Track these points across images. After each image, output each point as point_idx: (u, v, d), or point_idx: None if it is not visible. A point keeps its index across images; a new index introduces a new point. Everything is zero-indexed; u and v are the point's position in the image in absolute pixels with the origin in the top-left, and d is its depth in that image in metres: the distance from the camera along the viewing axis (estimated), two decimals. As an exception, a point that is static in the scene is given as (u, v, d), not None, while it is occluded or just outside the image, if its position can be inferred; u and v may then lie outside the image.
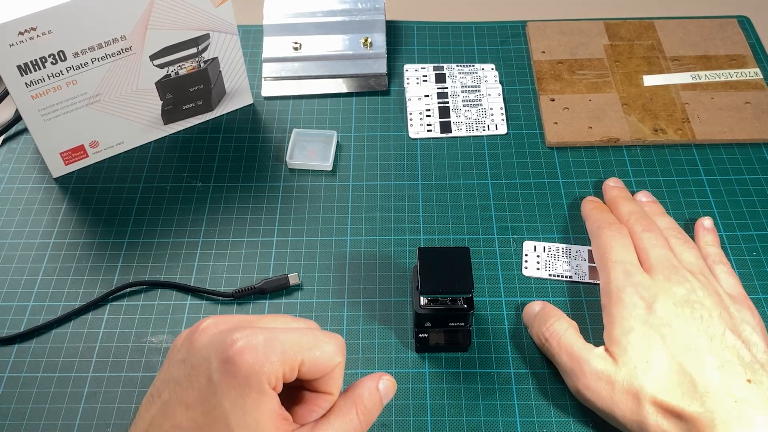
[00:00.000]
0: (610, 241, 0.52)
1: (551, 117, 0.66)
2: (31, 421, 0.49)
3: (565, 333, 0.49)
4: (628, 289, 0.48)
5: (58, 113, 0.59)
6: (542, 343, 0.50)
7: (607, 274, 0.50)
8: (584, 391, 0.46)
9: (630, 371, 0.44)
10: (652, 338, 0.45)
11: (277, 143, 0.66)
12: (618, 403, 0.44)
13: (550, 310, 0.51)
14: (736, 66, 0.70)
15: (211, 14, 0.60)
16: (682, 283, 0.48)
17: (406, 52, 0.73)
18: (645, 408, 0.43)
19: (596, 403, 0.46)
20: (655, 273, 0.49)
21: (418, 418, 0.49)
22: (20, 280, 0.57)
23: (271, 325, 0.36)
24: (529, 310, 0.52)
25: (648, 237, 0.52)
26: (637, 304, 0.47)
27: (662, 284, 0.48)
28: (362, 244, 0.58)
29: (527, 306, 0.53)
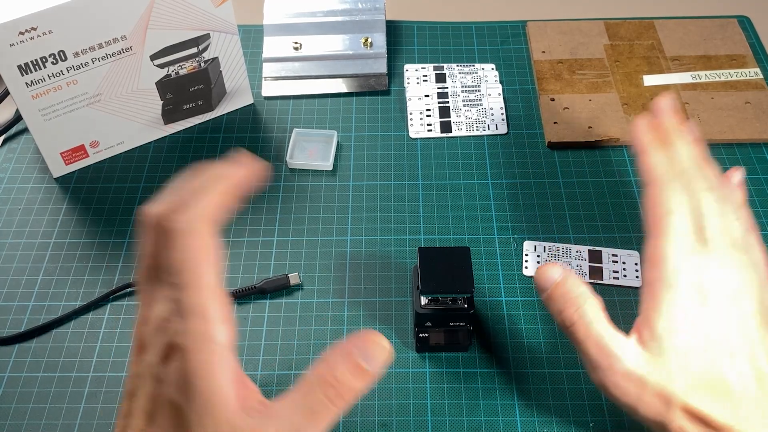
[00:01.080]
0: (675, 201, 0.43)
1: (551, 117, 0.66)
2: (32, 421, 0.49)
3: (594, 319, 0.42)
4: (685, 272, 0.41)
5: (58, 113, 0.59)
6: (566, 326, 0.43)
7: (664, 244, 0.42)
8: (611, 388, 0.41)
9: (666, 375, 0.40)
10: (696, 339, 0.40)
11: (278, 143, 0.66)
12: (645, 404, 0.40)
13: (575, 285, 0.43)
14: (736, 66, 0.70)
15: (212, 14, 0.60)
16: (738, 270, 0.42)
17: (406, 52, 0.73)
18: (673, 412, 0.40)
19: (621, 400, 0.41)
20: (711, 251, 0.42)
21: (419, 417, 0.49)
22: (21, 280, 0.57)
23: None
24: (546, 275, 0.44)
25: (709, 202, 0.43)
26: (690, 294, 0.41)
27: (718, 270, 0.42)
28: (362, 243, 0.58)
29: (543, 268, 0.44)
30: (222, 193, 0.35)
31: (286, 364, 0.52)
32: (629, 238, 0.58)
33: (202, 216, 0.34)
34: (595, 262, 0.56)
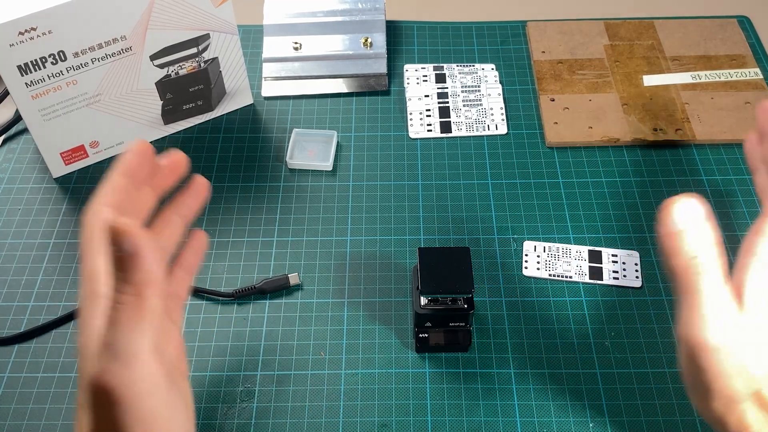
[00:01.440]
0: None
1: (551, 117, 0.66)
2: (32, 422, 0.49)
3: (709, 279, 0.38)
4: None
5: (58, 113, 0.59)
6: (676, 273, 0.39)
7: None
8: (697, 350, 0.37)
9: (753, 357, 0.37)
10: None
11: (277, 143, 0.66)
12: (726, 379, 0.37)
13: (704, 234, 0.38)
14: (736, 66, 0.70)
15: (211, 14, 0.60)
16: None
17: (406, 52, 0.73)
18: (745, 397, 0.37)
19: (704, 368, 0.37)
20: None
21: (418, 418, 0.49)
22: (20, 280, 0.57)
23: None
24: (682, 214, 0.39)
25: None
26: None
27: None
28: (362, 244, 0.58)
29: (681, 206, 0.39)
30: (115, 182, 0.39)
31: (286, 364, 0.52)
32: (629, 238, 0.58)
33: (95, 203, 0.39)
34: (595, 262, 0.56)
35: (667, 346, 0.52)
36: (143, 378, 0.33)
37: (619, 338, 0.52)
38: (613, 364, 0.51)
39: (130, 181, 0.39)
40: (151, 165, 0.41)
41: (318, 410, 0.49)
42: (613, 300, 0.54)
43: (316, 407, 0.50)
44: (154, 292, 0.33)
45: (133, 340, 0.33)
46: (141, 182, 0.41)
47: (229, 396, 0.50)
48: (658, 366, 0.51)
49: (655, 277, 0.56)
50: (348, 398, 0.50)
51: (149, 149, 0.40)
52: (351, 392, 0.50)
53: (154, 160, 0.41)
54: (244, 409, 0.50)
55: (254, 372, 0.51)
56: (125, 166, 0.39)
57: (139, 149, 0.40)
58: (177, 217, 0.43)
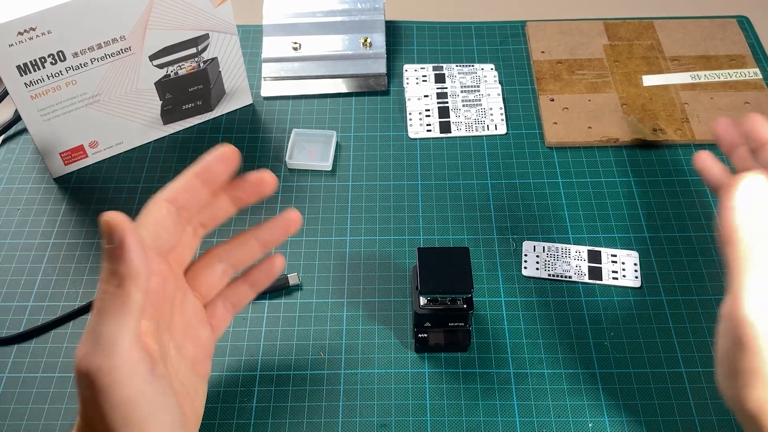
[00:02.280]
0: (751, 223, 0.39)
1: (551, 117, 0.66)
2: (31, 422, 0.49)
3: None
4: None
5: (57, 113, 0.59)
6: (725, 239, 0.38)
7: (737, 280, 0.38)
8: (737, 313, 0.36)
9: None
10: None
11: (277, 143, 0.66)
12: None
13: None
14: (736, 66, 0.70)
15: (211, 14, 0.60)
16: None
17: (405, 52, 0.73)
18: None
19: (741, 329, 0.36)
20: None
21: (418, 418, 0.49)
22: (20, 280, 0.57)
23: None
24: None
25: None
26: None
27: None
28: (362, 244, 0.58)
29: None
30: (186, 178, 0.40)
31: (286, 364, 0.52)
32: (628, 238, 0.58)
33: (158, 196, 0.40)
34: (595, 262, 0.56)
35: (667, 346, 0.52)
36: (120, 366, 0.34)
37: (619, 338, 0.52)
38: (613, 364, 0.51)
39: (203, 184, 0.40)
40: (231, 173, 0.41)
41: (317, 410, 0.49)
42: (613, 300, 0.54)
43: (315, 407, 0.50)
44: (137, 287, 0.34)
45: (114, 330, 0.34)
46: (218, 188, 0.41)
47: (228, 396, 0.50)
48: (658, 366, 0.51)
49: (654, 277, 0.56)
50: (347, 398, 0.50)
51: (233, 157, 0.40)
52: (350, 392, 0.50)
53: (235, 167, 0.41)
54: (244, 409, 0.50)
55: (254, 372, 0.51)
56: (203, 168, 0.40)
57: (223, 155, 0.40)
58: (256, 241, 0.44)
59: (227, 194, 0.42)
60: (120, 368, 0.34)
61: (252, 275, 0.45)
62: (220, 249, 0.44)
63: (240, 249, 0.44)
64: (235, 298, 0.45)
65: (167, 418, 0.36)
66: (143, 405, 0.35)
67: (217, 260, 0.44)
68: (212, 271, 0.44)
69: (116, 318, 0.34)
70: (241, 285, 0.45)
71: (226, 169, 0.40)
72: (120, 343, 0.34)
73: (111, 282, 0.34)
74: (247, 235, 0.45)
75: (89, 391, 0.34)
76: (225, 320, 0.45)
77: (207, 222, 0.43)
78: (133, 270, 0.34)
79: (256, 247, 0.45)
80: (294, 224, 0.45)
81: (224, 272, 0.44)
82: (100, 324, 0.34)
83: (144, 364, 0.35)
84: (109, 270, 0.34)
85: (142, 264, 0.35)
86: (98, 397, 0.34)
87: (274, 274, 0.46)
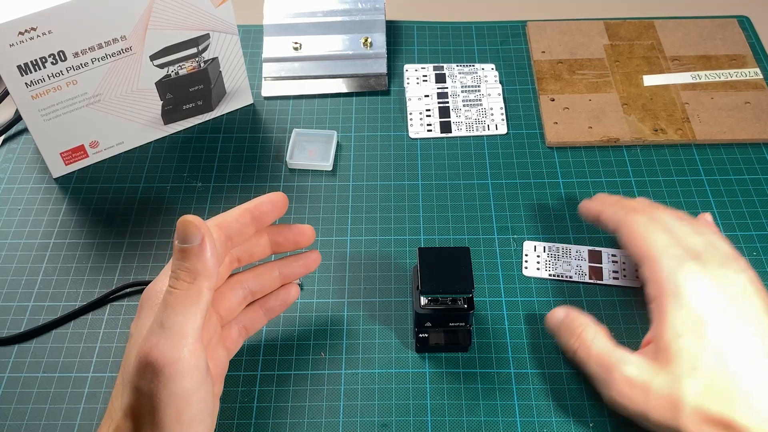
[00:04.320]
0: (647, 227, 0.47)
1: (551, 117, 0.66)
2: (32, 422, 0.49)
3: (594, 340, 0.46)
4: (685, 281, 0.43)
5: (58, 113, 0.59)
6: (572, 355, 0.47)
7: (655, 263, 0.45)
8: (618, 399, 0.43)
9: (673, 379, 0.41)
10: (706, 342, 0.41)
11: (277, 143, 0.66)
12: (654, 410, 0.41)
13: (576, 317, 0.48)
14: (736, 66, 0.70)
15: (211, 14, 0.60)
16: (737, 273, 0.44)
17: (406, 52, 0.73)
18: (685, 417, 0.40)
19: (630, 409, 0.43)
20: (706, 261, 0.44)
21: (418, 418, 0.49)
22: (20, 280, 0.57)
23: None
24: (552, 319, 0.50)
25: (682, 226, 0.47)
26: (695, 300, 0.42)
27: (718, 276, 0.43)
28: (362, 244, 0.58)
29: (550, 314, 0.50)
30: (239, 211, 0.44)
31: (286, 364, 0.52)
32: (629, 238, 0.58)
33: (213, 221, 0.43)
34: (595, 262, 0.56)
35: (667, 346, 0.52)
36: (186, 358, 0.36)
37: (619, 338, 0.52)
38: (613, 364, 0.51)
39: (252, 221, 0.44)
40: (278, 217, 0.45)
41: (318, 410, 0.49)
42: (613, 300, 0.54)
43: (316, 407, 0.50)
44: (209, 283, 0.37)
45: (183, 322, 0.36)
46: (261, 229, 0.45)
47: (229, 396, 0.50)
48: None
49: (655, 277, 0.56)
50: (348, 398, 0.50)
51: (283, 203, 0.45)
52: (351, 392, 0.50)
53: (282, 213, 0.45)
54: (244, 409, 0.50)
55: (254, 372, 0.51)
56: (256, 206, 0.44)
57: (275, 199, 0.45)
58: (278, 272, 0.48)
59: (268, 237, 0.46)
60: (186, 359, 0.36)
61: (268, 302, 0.48)
62: (245, 275, 0.47)
63: (262, 277, 0.47)
64: (249, 323, 0.47)
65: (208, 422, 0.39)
66: (195, 403, 0.37)
67: (240, 286, 0.46)
68: (234, 296, 0.46)
69: (187, 311, 0.36)
70: (256, 310, 0.48)
71: (275, 213, 0.45)
72: (189, 335, 0.36)
73: (185, 278, 0.37)
74: (271, 266, 0.47)
75: (152, 381, 0.36)
76: (237, 343, 0.47)
77: (243, 257, 0.46)
78: (208, 268, 0.37)
79: (277, 278, 0.48)
80: (315, 263, 0.49)
81: (244, 297, 0.46)
82: (172, 316, 0.36)
83: (204, 361, 0.37)
84: (183, 267, 0.37)
85: (216, 264, 0.38)
86: (159, 388, 0.36)
87: (289, 303, 0.49)
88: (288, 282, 0.49)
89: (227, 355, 0.46)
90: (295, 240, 0.47)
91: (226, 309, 0.45)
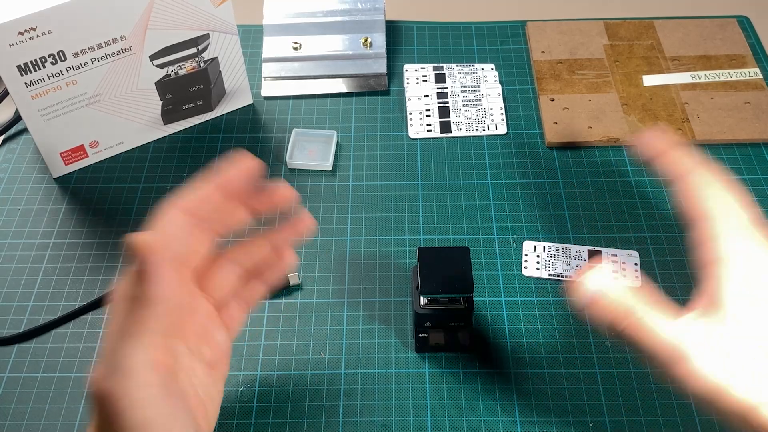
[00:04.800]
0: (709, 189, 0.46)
1: (551, 117, 0.66)
2: (32, 422, 0.49)
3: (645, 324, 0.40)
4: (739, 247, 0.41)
5: (58, 113, 0.59)
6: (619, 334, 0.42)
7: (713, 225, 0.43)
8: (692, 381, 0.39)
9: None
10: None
11: (277, 143, 0.66)
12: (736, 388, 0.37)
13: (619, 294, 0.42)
14: (736, 66, 0.70)
15: (211, 14, 0.60)
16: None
17: (406, 52, 0.73)
18: None
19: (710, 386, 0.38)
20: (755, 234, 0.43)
21: (418, 417, 0.49)
22: (20, 280, 0.57)
23: None
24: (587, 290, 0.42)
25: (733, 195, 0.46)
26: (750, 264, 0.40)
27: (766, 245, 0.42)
28: (362, 244, 0.58)
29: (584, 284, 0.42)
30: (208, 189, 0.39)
31: (286, 364, 0.52)
32: (629, 238, 0.58)
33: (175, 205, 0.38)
34: (595, 262, 0.56)
35: (667, 346, 0.52)
36: (136, 390, 0.33)
37: (620, 338, 0.52)
38: (613, 363, 0.51)
39: (221, 195, 0.40)
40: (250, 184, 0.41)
41: (318, 410, 0.49)
42: (613, 300, 0.54)
43: (315, 407, 0.50)
44: (160, 309, 0.34)
45: (130, 355, 0.33)
46: (236, 199, 0.41)
47: (229, 396, 0.50)
48: (658, 365, 0.51)
49: (655, 277, 0.56)
50: (348, 398, 0.50)
51: (253, 169, 0.40)
52: (351, 392, 0.50)
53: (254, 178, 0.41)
54: (244, 409, 0.50)
55: (254, 372, 0.51)
56: (222, 180, 0.40)
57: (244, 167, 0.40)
58: (268, 244, 0.44)
59: (243, 203, 0.42)
60: (136, 392, 0.33)
61: (262, 271, 0.45)
62: (234, 252, 0.44)
63: (252, 252, 0.44)
64: (248, 296, 0.45)
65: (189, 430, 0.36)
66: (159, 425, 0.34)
67: (229, 264, 0.44)
68: (223, 274, 0.44)
69: (135, 342, 0.34)
70: (252, 282, 0.45)
71: (246, 181, 0.40)
72: (137, 368, 0.34)
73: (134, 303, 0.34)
74: (260, 239, 0.45)
75: (104, 413, 0.34)
76: (239, 319, 0.45)
77: (222, 231, 0.43)
78: (159, 294, 0.34)
79: (268, 249, 0.45)
80: (306, 228, 0.45)
81: (235, 273, 0.44)
82: (119, 348, 0.34)
83: (159, 386, 0.35)
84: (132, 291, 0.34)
85: (168, 288, 0.34)
86: (113, 419, 0.33)
87: (284, 268, 0.46)
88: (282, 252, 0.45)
89: (228, 336, 0.44)
90: (273, 202, 0.43)
91: (217, 288, 0.43)
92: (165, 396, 0.35)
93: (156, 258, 0.34)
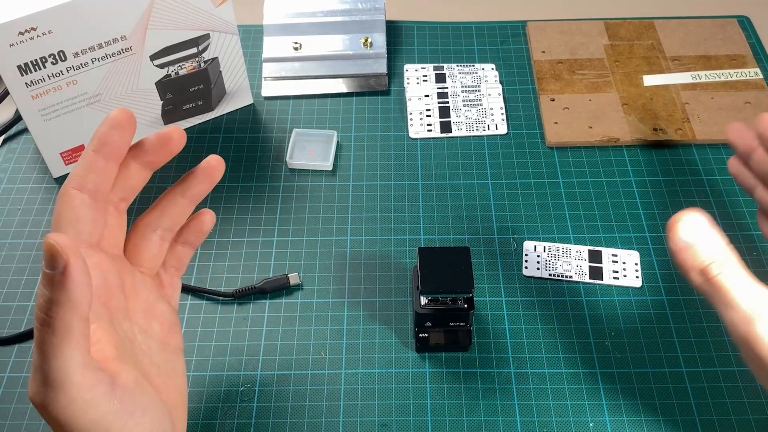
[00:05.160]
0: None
1: (551, 117, 0.66)
2: (32, 421, 0.49)
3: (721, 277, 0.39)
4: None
5: (58, 113, 0.59)
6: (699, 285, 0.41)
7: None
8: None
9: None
10: None
11: (277, 143, 0.66)
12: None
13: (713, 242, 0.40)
14: (736, 66, 0.70)
15: (212, 14, 0.60)
16: None
17: (406, 52, 0.73)
18: None
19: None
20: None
21: (419, 417, 0.49)
22: (20, 280, 0.57)
23: None
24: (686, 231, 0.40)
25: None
26: None
27: None
28: (362, 243, 0.58)
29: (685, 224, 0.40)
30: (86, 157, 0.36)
31: (287, 364, 0.52)
32: (629, 238, 0.58)
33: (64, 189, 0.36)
34: (595, 262, 0.56)
35: (668, 345, 0.52)
36: (75, 398, 0.32)
37: (619, 338, 0.53)
38: (613, 363, 0.51)
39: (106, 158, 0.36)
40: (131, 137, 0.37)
41: (318, 410, 0.49)
42: (613, 300, 0.54)
43: (316, 407, 0.50)
44: (79, 316, 0.31)
45: (60, 366, 0.31)
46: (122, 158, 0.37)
47: (229, 396, 0.50)
48: (658, 366, 0.51)
49: (655, 276, 0.56)
50: (348, 398, 0.50)
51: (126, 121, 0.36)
52: (351, 392, 0.50)
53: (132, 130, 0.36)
54: (244, 409, 0.50)
55: (254, 372, 0.51)
56: (99, 142, 0.36)
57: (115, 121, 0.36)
58: (182, 198, 0.41)
59: (136, 160, 0.38)
60: (76, 401, 0.32)
61: (183, 235, 0.43)
62: (149, 217, 0.41)
63: (169, 210, 0.41)
64: (177, 261, 0.43)
65: (145, 420, 0.34)
66: (113, 421, 0.33)
67: (150, 229, 0.41)
68: (149, 242, 0.41)
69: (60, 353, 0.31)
70: (176, 247, 0.43)
71: (124, 136, 0.36)
72: (70, 377, 0.31)
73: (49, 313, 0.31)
74: (171, 194, 0.41)
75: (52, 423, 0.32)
76: (174, 286, 0.43)
77: (126, 195, 0.39)
78: (74, 299, 0.31)
79: (185, 204, 0.41)
80: (217, 170, 0.41)
81: (162, 239, 0.41)
82: (45, 362, 0.31)
83: (102, 385, 0.32)
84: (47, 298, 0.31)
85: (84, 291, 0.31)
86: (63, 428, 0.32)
87: (206, 232, 0.43)
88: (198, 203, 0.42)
89: (170, 304, 0.42)
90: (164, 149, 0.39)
91: (148, 259, 0.41)
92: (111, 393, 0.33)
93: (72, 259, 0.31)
